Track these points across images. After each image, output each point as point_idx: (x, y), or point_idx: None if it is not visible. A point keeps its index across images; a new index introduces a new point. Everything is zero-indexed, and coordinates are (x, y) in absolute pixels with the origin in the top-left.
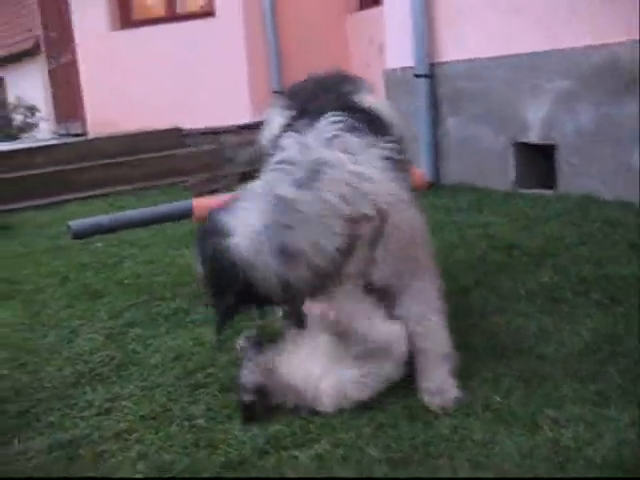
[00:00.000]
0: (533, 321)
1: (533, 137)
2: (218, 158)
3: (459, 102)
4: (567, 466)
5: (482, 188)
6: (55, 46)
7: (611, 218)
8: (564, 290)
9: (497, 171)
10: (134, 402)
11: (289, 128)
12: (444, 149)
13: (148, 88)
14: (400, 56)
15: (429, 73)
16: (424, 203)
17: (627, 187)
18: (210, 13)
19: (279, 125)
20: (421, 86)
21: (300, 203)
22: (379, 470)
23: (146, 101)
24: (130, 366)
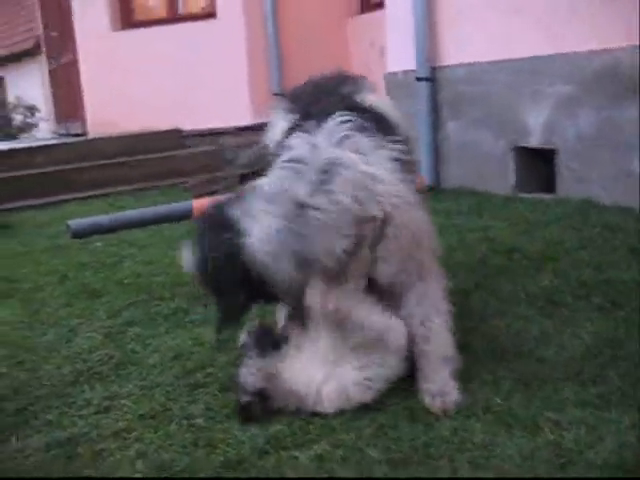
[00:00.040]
0: (533, 324)
1: (533, 141)
2: (218, 159)
3: (460, 106)
4: (568, 468)
5: (482, 192)
6: (56, 46)
7: (611, 223)
8: (564, 294)
9: (497, 175)
10: (133, 401)
11: (295, 129)
12: (444, 153)
13: (149, 89)
14: (401, 59)
15: (430, 76)
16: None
17: (627, 192)
18: (211, 14)
19: (283, 128)
20: (422, 89)
21: (316, 210)
22: (379, 471)
23: (146, 102)
24: (129, 365)
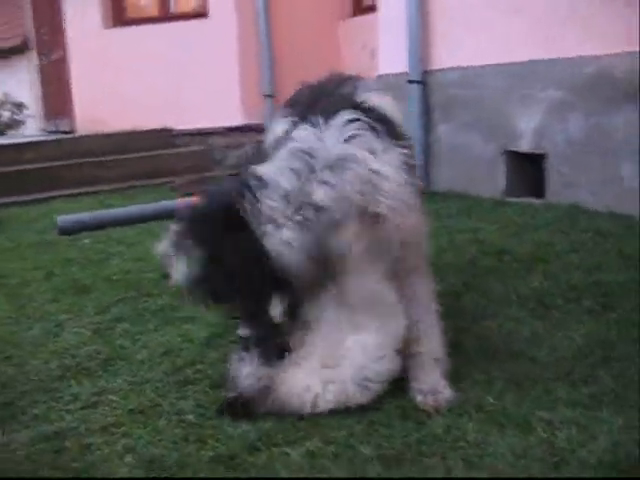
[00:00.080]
0: (525, 325)
1: (524, 146)
2: (207, 159)
3: (451, 109)
4: (561, 467)
5: (472, 196)
6: (46, 42)
7: (601, 228)
8: (555, 296)
9: (487, 179)
10: (122, 396)
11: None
12: (435, 156)
13: (139, 87)
14: (393, 62)
15: (422, 79)
16: None
17: (616, 198)
18: (203, 14)
19: (282, 129)
20: (413, 92)
21: (331, 209)
22: (371, 468)
23: (137, 100)
24: (117, 361)
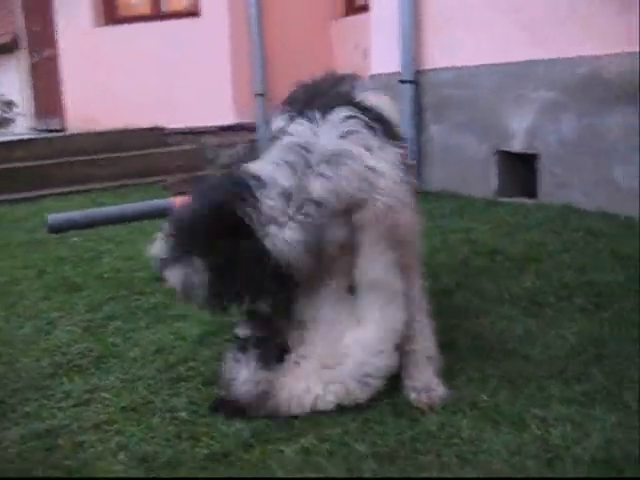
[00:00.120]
0: (517, 324)
1: (516, 146)
2: (199, 158)
3: (443, 109)
4: (556, 463)
5: (464, 196)
6: (37, 40)
7: (593, 228)
8: (547, 295)
9: (479, 179)
10: (114, 394)
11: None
12: (427, 156)
13: (131, 86)
14: (385, 62)
15: (414, 79)
16: None
17: (608, 199)
18: (195, 13)
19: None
20: (406, 92)
21: (330, 202)
22: (366, 465)
23: (128, 99)
24: (109, 359)
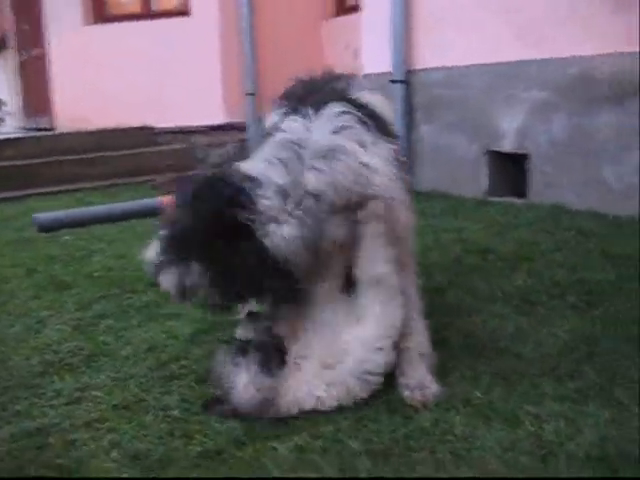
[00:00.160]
0: (509, 322)
1: (506, 146)
2: (188, 158)
3: (434, 109)
4: (549, 460)
5: (455, 195)
6: (26, 39)
7: (584, 227)
8: (539, 293)
9: (470, 179)
10: (106, 392)
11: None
12: (418, 156)
13: (120, 85)
14: (376, 62)
15: (405, 79)
16: None
17: (598, 198)
18: (185, 12)
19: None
20: (396, 92)
21: (327, 194)
22: (360, 462)
23: (118, 98)
24: (101, 357)
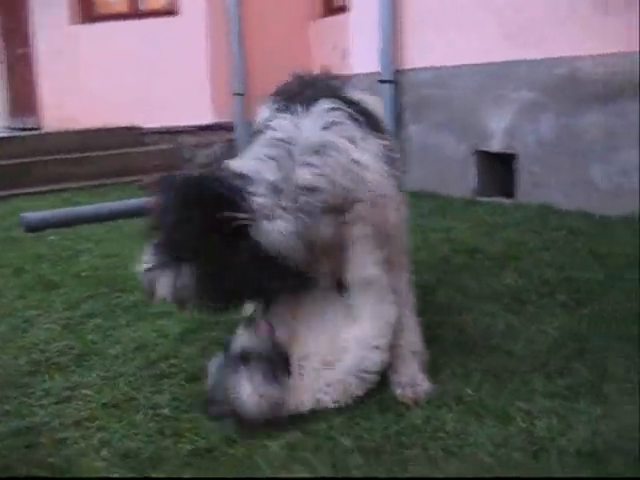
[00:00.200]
0: (500, 319)
1: (495, 146)
2: (176, 158)
3: (422, 109)
4: (541, 455)
5: (443, 195)
6: (12, 38)
7: (572, 227)
8: (529, 292)
9: (458, 179)
10: (95, 391)
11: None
12: (406, 156)
13: (107, 84)
14: (365, 62)
15: (394, 79)
16: None
17: (586, 198)
18: (173, 12)
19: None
20: (385, 92)
21: (321, 188)
22: (351, 459)
23: (105, 97)
24: (90, 356)
